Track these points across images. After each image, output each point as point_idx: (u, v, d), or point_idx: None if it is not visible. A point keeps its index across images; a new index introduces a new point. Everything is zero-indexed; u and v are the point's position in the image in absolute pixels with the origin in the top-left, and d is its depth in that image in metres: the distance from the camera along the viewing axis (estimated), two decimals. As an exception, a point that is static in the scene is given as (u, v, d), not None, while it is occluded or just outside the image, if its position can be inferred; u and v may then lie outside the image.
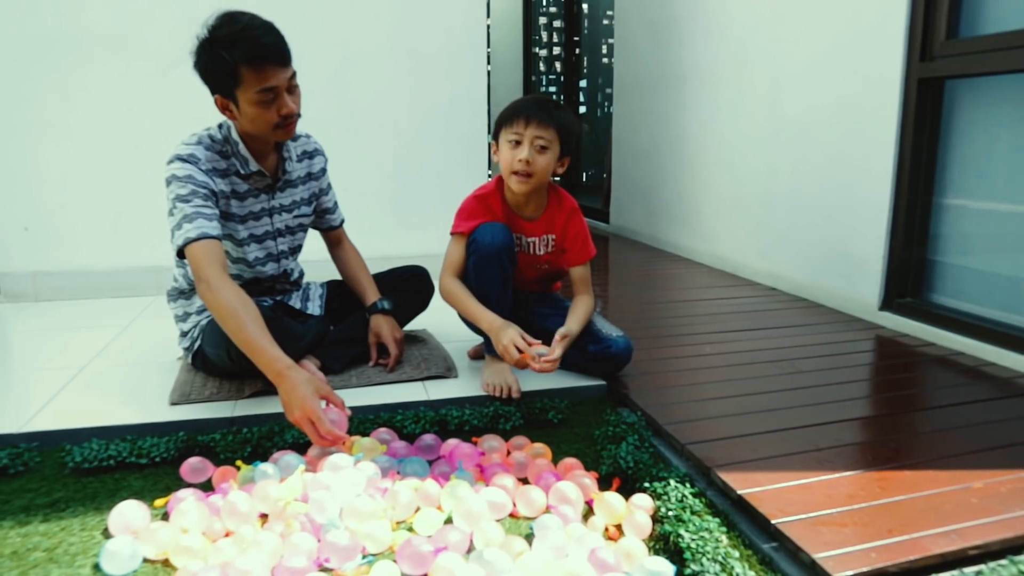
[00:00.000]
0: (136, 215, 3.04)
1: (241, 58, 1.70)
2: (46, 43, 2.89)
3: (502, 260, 1.95)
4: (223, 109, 1.82)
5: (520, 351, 1.81)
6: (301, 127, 1.99)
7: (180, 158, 1.82)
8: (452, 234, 2.05)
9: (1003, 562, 1.18)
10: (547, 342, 1.90)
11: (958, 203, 2.40)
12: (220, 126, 1.91)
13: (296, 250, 2.15)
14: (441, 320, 2.45)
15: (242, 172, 1.91)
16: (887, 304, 2.58)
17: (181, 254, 1.78)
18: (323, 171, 2.16)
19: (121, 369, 2.14)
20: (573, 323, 1.95)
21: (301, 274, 2.25)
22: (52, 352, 2.32)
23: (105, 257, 3.05)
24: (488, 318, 1.91)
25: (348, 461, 1.49)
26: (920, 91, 2.38)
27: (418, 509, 1.42)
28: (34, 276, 3.00)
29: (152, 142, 2.99)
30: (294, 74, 1.81)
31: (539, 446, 1.64)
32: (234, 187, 1.93)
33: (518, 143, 1.91)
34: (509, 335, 1.83)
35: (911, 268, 2.52)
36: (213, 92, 1.80)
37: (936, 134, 2.42)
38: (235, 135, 1.89)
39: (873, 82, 2.55)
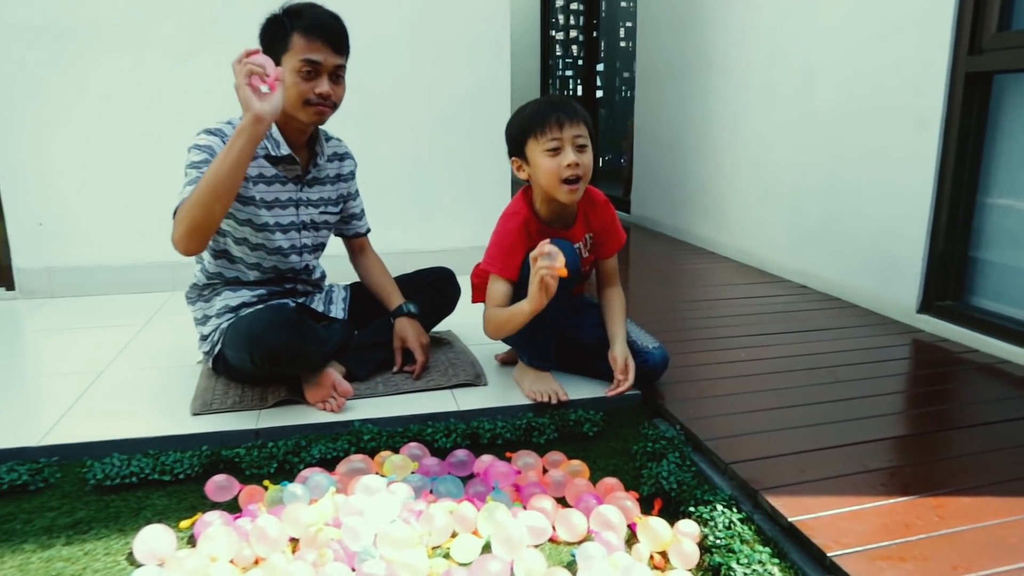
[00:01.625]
0: (152, 209, 2.97)
1: (298, 26, 1.79)
2: (58, 35, 2.82)
3: (570, 282, 1.85)
4: None
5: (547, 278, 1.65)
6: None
7: (207, 130, 1.83)
8: (492, 273, 1.87)
9: (1080, 606, 1.12)
10: (583, 355, 2.00)
11: (1005, 203, 2.31)
12: None
13: (319, 247, 2.09)
14: (466, 322, 2.38)
15: (272, 154, 1.89)
16: (926, 307, 2.49)
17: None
18: (352, 175, 2.12)
19: (141, 373, 2.09)
20: (620, 338, 1.93)
21: (323, 275, 2.19)
22: (69, 354, 2.28)
23: (121, 252, 3.00)
24: (523, 305, 1.72)
25: (381, 483, 1.44)
26: (967, 85, 2.28)
27: (454, 534, 1.37)
28: (49, 272, 2.95)
29: (167, 135, 2.93)
30: (343, 66, 1.88)
31: (576, 463, 1.58)
32: (261, 171, 1.90)
33: (557, 149, 1.78)
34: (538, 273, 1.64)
35: (952, 269, 2.43)
36: None
37: (983, 131, 2.32)
38: None
39: (916, 75, 2.44)
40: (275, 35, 1.81)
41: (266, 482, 1.49)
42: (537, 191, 1.90)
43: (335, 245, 2.22)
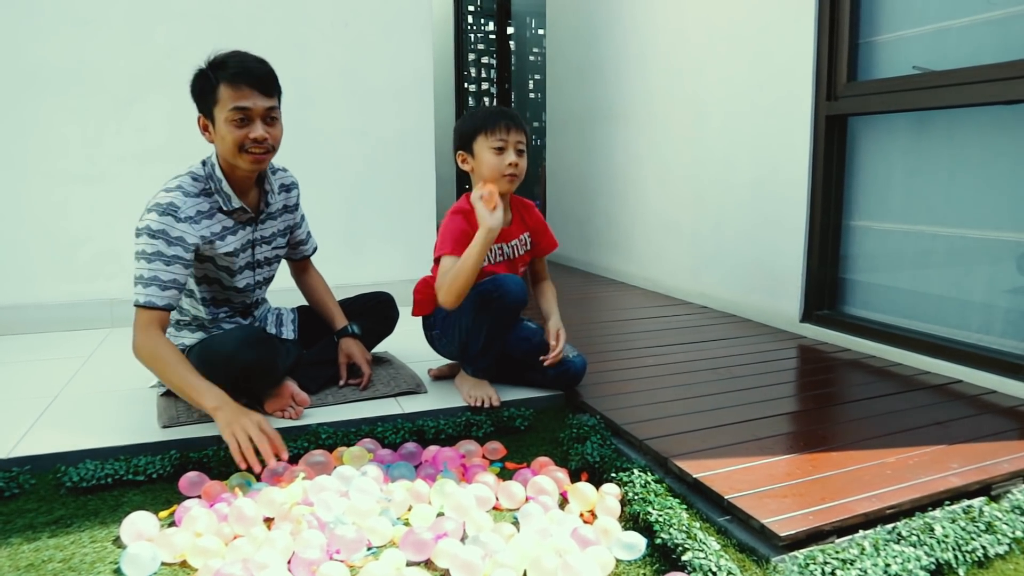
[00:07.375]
0: (91, 248, 3.06)
1: (223, 77, 1.82)
2: (0, 77, 2.92)
3: (518, 313, 2.11)
4: (203, 130, 1.92)
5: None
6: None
7: (159, 208, 1.83)
8: (445, 254, 2.07)
9: (913, 518, 1.42)
10: (514, 368, 2.25)
11: (864, 224, 2.72)
12: (204, 163, 1.96)
13: (269, 280, 2.22)
14: (403, 343, 2.60)
15: (225, 209, 1.96)
16: (807, 316, 2.87)
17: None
18: (297, 204, 2.23)
19: (96, 397, 2.19)
20: (554, 314, 2.23)
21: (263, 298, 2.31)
22: (17, 383, 2.34)
23: (59, 290, 3.06)
24: (472, 242, 1.98)
25: (355, 472, 1.63)
26: (828, 126, 2.70)
27: (411, 507, 1.56)
28: (-17, 312, 2.98)
29: (107, 175, 3.05)
30: (275, 108, 1.91)
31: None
32: (223, 224, 1.97)
33: (502, 149, 2.07)
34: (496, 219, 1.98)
35: (826, 284, 2.82)
36: (199, 112, 1.90)
37: (843, 164, 2.74)
38: (218, 172, 1.93)
39: (787, 118, 2.86)
40: (203, 90, 1.84)
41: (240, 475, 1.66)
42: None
43: (280, 279, 2.38)
